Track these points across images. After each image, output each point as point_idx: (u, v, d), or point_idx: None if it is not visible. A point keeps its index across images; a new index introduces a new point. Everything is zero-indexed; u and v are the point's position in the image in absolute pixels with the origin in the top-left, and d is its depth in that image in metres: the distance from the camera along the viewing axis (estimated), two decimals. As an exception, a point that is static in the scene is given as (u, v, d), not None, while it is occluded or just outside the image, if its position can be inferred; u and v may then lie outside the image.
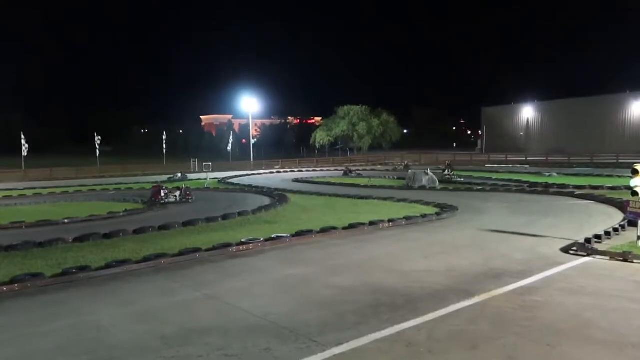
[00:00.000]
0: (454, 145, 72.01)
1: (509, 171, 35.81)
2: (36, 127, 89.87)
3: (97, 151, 46.68)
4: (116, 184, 32.14)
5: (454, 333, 5.85)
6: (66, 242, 11.85)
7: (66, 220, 15.74)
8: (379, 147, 67.61)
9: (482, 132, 77.92)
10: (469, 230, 12.81)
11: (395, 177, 32.00)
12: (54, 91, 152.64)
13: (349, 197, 20.93)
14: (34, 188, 29.16)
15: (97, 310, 7.06)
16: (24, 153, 42.61)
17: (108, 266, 9.18)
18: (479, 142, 79.33)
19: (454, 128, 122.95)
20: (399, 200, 19.28)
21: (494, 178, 28.85)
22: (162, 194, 20.55)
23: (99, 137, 46.73)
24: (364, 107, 65.80)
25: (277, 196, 21.15)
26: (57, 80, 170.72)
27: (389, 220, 13.76)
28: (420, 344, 5.55)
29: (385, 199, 19.89)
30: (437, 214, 15.29)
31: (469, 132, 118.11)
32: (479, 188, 23.44)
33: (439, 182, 25.76)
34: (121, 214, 17.30)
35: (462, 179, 28.11)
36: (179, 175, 35.99)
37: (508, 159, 50.41)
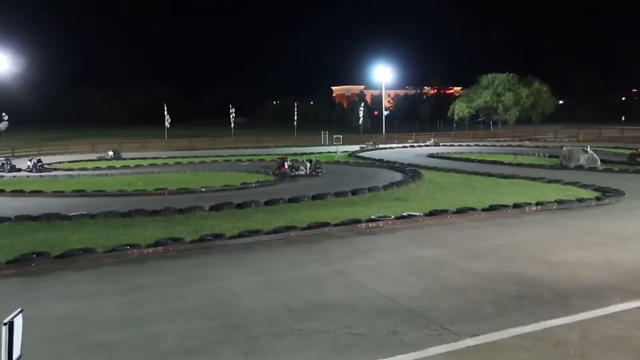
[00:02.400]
0: (622, 118, 64.23)
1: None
2: (178, 100, 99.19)
3: (232, 123, 50.17)
4: (249, 155, 34.28)
5: (615, 337, 5.33)
6: (203, 210, 13.00)
7: (203, 189, 17.25)
8: (528, 121, 63.02)
9: (660, 103, 68.57)
10: (638, 220, 11.47)
11: (547, 155, 29.73)
12: (194, 67, 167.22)
13: (490, 175, 19.95)
14: (175, 157, 32.35)
15: (230, 277, 7.68)
16: (167, 124, 47.39)
17: (241, 235, 9.92)
18: (656, 115, 70.01)
19: (623, 98, 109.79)
20: (550, 181, 17.88)
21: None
22: (286, 166, 21.58)
23: (233, 110, 50.00)
24: (511, 74, 61.50)
25: (410, 172, 20.91)
26: (196, 57, 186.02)
27: (537, 204, 12.85)
28: (571, 344, 5.15)
29: (533, 179, 18.61)
30: (598, 198, 13.91)
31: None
32: (653, 170, 20.81)
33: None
34: (253, 185, 18.48)
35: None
36: (110, 154, 32.48)
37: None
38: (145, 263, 8.51)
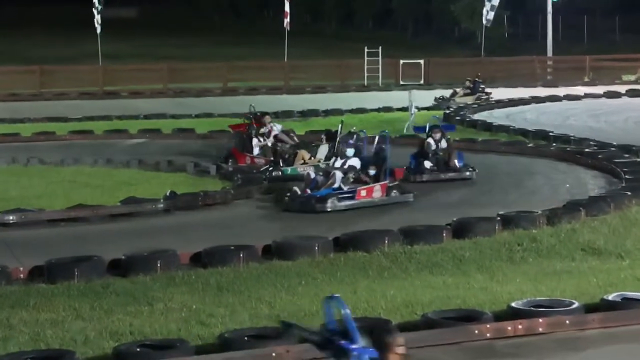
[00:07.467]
0: None
1: None
2: None
3: (98, 25, 50.59)
4: (154, 116, 34.53)
5: None
6: (15, 279, 13.15)
7: (11, 218, 17.41)
8: None
9: None
10: None
11: None
12: None
13: None
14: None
15: None
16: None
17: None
18: None
19: None
20: None
21: None
22: (256, 147, 22.37)
23: None
24: None
25: (629, 169, 21.20)
26: None
27: None
28: None
29: None
30: None
31: None
32: None
33: None
34: (160, 204, 18.72)
35: None
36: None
37: None
38: None
